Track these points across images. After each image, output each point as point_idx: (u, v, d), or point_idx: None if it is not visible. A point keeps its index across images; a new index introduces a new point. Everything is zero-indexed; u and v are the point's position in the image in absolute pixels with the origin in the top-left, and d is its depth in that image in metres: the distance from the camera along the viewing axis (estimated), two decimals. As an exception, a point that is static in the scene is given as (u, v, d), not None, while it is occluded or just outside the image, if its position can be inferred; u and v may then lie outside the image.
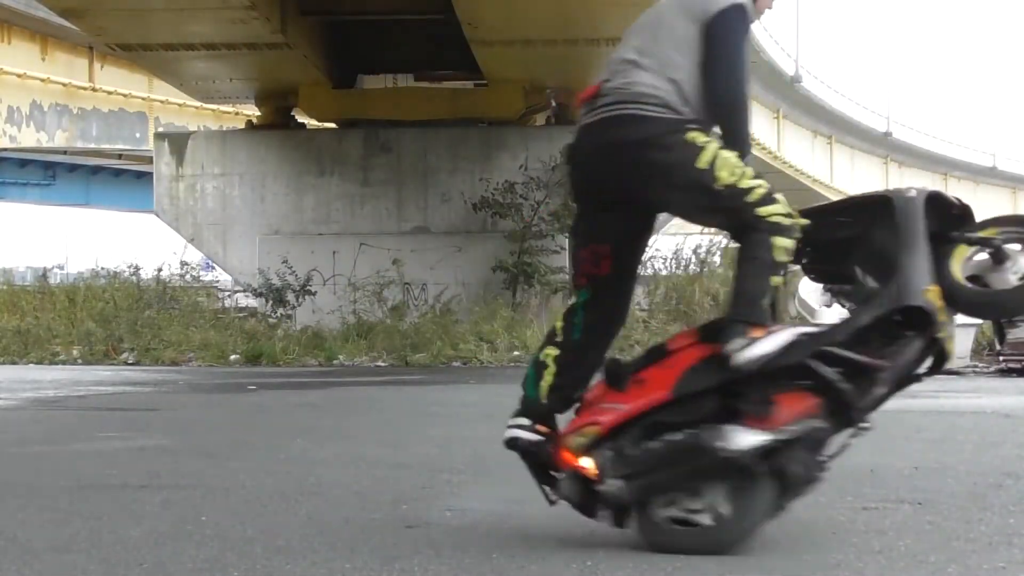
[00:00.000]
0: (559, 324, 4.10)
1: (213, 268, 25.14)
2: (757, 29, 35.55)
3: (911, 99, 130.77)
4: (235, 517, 4.42)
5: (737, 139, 3.90)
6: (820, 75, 51.05)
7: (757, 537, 3.94)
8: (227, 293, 24.24)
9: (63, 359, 17.64)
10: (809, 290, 14.83)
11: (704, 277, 19.51)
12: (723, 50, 3.85)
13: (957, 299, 3.87)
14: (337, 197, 21.29)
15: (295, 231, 21.24)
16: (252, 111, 24.03)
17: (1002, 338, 14.51)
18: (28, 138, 26.80)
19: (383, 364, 16.94)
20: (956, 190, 55.61)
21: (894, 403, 4.10)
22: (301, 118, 22.74)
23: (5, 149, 29.39)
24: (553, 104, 21.69)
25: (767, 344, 3.65)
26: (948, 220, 3.97)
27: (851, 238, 4.03)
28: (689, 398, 3.73)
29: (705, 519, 3.69)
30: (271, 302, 19.79)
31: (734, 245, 3.94)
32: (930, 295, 3.77)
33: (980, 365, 14.85)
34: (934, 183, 54.65)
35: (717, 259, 19.98)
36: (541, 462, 3.99)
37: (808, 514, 4.39)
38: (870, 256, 4.01)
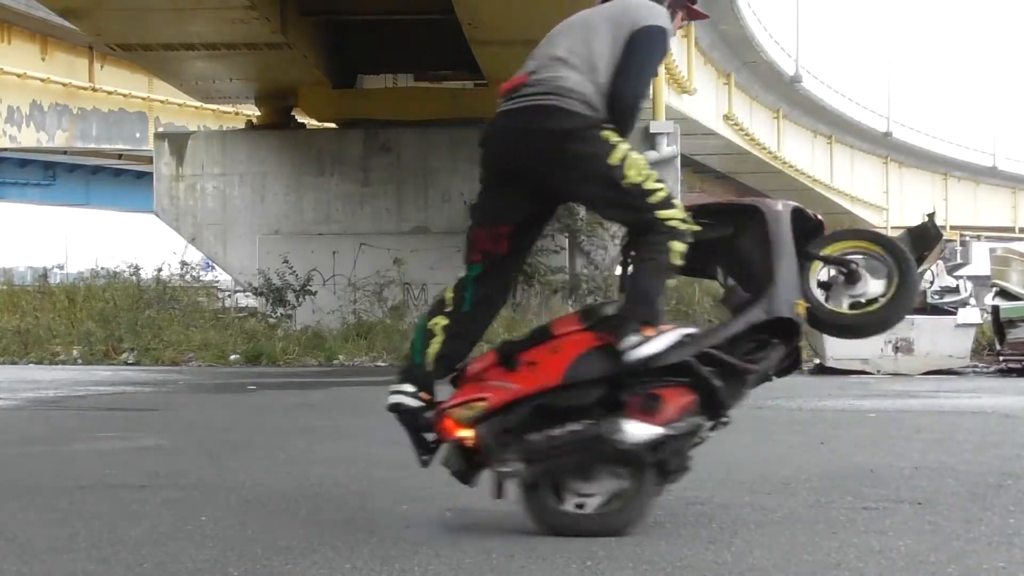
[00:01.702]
0: (449, 295, 4.34)
1: (213, 268, 25.13)
2: (758, 29, 35.56)
3: (911, 99, 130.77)
4: (235, 517, 4.42)
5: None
6: (820, 75, 50.95)
7: (757, 537, 3.95)
8: (227, 293, 24.25)
9: (63, 359, 17.64)
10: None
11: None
12: (638, 59, 4.13)
13: (815, 314, 4.28)
14: (337, 197, 21.29)
15: (295, 231, 21.23)
16: (252, 111, 24.02)
17: (1002, 338, 14.51)
18: (28, 138, 26.79)
19: (383, 364, 16.93)
20: (956, 190, 55.69)
21: (894, 403, 4.12)
22: (301, 118, 22.74)
23: (5, 149, 29.39)
24: (553, 104, 21.68)
25: (657, 343, 3.92)
26: (806, 234, 4.28)
27: (716, 240, 4.27)
28: (577, 385, 3.96)
29: (595, 504, 3.96)
30: (271, 302, 19.78)
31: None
32: (799, 308, 4.15)
33: (980, 365, 14.85)
34: (934, 183, 54.72)
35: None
36: (419, 428, 4.23)
37: (808, 514, 4.40)
38: (733, 261, 4.32)
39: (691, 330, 4.08)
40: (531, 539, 3.93)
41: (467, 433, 4.05)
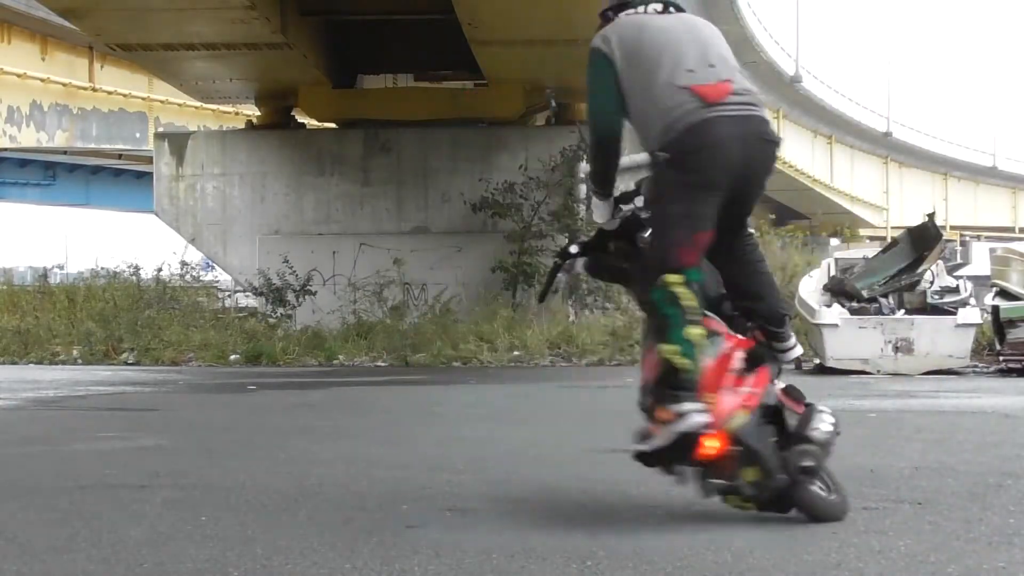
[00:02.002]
0: (692, 303, 4.05)
1: (213, 268, 25.11)
2: (758, 29, 35.55)
3: (911, 99, 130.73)
4: (235, 517, 4.42)
5: None
6: (820, 75, 50.85)
7: (757, 537, 3.95)
8: (227, 293, 24.24)
9: (63, 359, 17.63)
10: (809, 290, 15.08)
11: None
12: None
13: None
14: (337, 197, 21.28)
15: (295, 231, 21.22)
16: (252, 111, 24.01)
17: (1002, 338, 14.51)
18: (28, 138, 26.78)
19: (383, 364, 16.93)
20: (956, 190, 55.67)
21: (894, 403, 4.16)
22: (301, 118, 22.72)
23: (5, 149, 29.38)
24: (553, 104, 21.67)
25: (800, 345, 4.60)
26: None
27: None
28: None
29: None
30: (271, 302, 19.77)
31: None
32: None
33: (980, 365, 14.84)
34: (934, 183, 54.69)
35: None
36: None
37: (808, 514, 4.39)
38: None
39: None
40: (531, 539, 3.93)
41: (716, 444, 3.98)
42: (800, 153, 43.65)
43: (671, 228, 4.11)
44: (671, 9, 4.38)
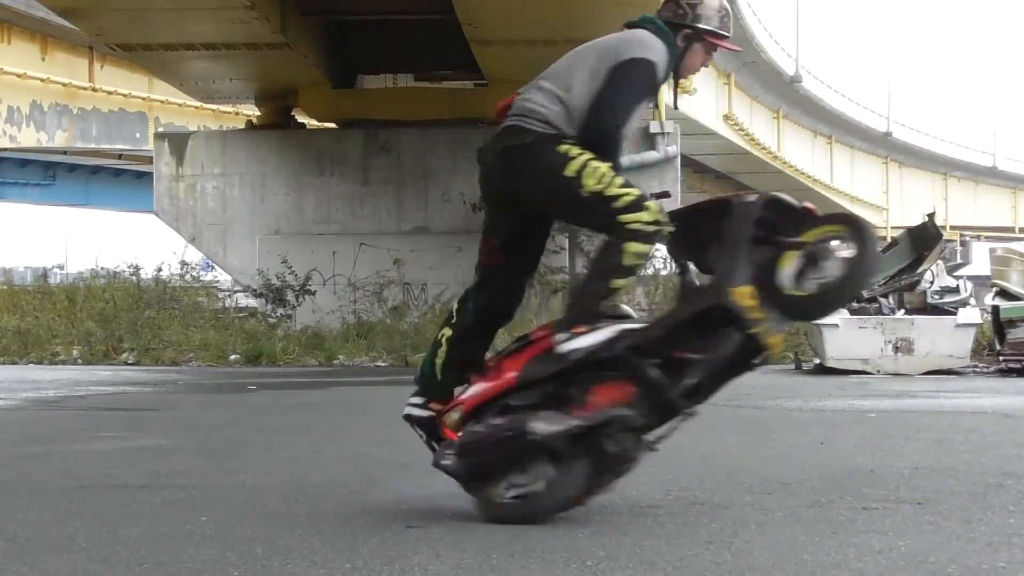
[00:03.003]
0: (455, 307, 4.63)
1: (213, 268, 25.11)
2: (758, 29, 35.55)
3: (911, 99, 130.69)
4: (235, 517, 4.42)
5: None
6: (820, 75, 50.89)
7: (757, 537, 3.95)
8: (227, 293, 24.22)
9: (63, 359, 17.63)
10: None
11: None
12: (614, 91, 4.30)
13: (776, 301, 4.17)
14: (337, 197, 21.27)
15: (295, 231, 21.21)
16: (252, 111, 24.00)
17: (1002, 338, 14.50)
18: (28, 138, 26.77)
19: (383, 364, 16.93)
20: (956, 190, 55.67)
21: (894, 403, 4.16)
22: (301, 118, 22.72)
23: (5, 149, 29.37)
24: (553, 104, 21.66)
25: (585, 339, 4.15)
26: (790, 223, 4.30)
27: (705, 238, 4.36)
28: (532, 384, 4.21)
29: (533, 490, 4.19)
30: (271, 302, 19.76)
31: None
32: (736, 295, 4.10)
33: (980, 365, 14.83)
34: (934, 183, 54.70)
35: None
36: (433, 435, 4.49)
37: (808, 514, 4.40)
38: (706, 257, 4.41)
39: (630, 325, 4.24)
40: (531, 539, 3.93)
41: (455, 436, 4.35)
42: (800, 153, 43.66)
43: None
44: (624, 28, 4.57)
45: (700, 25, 4.49)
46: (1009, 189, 58.80)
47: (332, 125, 22.51)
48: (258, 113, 22.92)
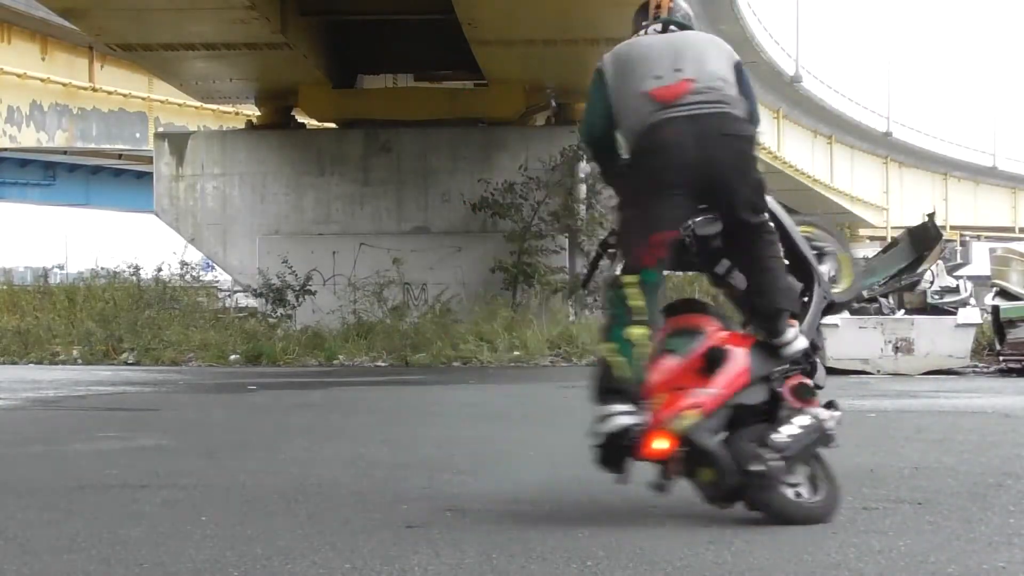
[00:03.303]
0: (638, 303, 4.15)
1: (213, 268, 25.10)
2: (758, 29, 35.55)
3: (911, 99, 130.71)
4: (235, 517, 4.42)
5: None
6: (820, 75, 50.91)
7: (757, 537, 3.95)
8: (227, 293, 24.22)
9: (63, 359, 17.63)
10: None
11: (702, 277, 19.47)
12: (750, 87, 4.48)
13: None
14: (337, 197, 21.27)
15: (295, 231, 21.21)
16: (252, 111, 24.00)
17: (1002, 338, 14.51)
18: (28, 138, 26.77)
19: (383, 364, 16.93)
20: (956, 190, 55.66)
21: (894, 403, 4.17)
22: (301, 118, 22.71)
23: (5, 149, 29.36)
24: (553, 104, 21.67)
25: (805, 336, 4.31)
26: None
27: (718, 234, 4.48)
28: (755, 382, 4.21)
29: (806, 491, 4.22)
30: (271, 302, 19.76)
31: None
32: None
33: (980, 365, 14.84)
34: (934, 183, 54.68)
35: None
36: (630, 448, 4.07)
37: (808, 514, 4.39)
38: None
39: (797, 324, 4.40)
40: (531, 539, 3.92)
41: (666, 444, 4.02)
42: (800, 153, 43.63)
43: (627, 232, 4.33)
44: (672, 28, 4.53)
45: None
46: (1009, 189, 58.78)
47: (332, 125, 22.51)
48: (258, 113, 22.92)
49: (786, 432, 4.12)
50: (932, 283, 14.95)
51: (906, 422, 8.14)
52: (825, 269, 4.64)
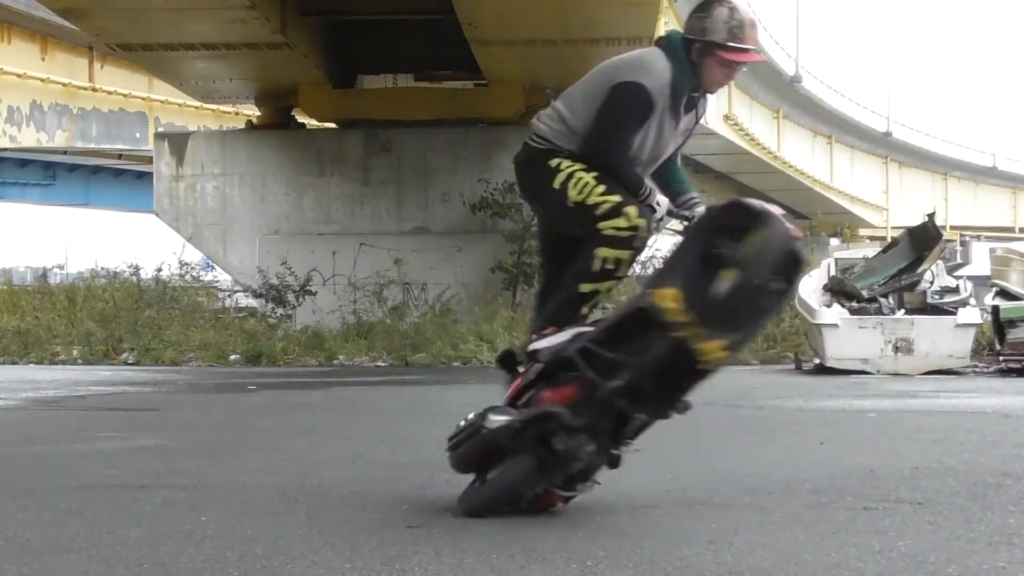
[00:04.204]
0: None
1: (213, 268, 25.11)
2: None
3: (911, 99, 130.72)
4: (235, 517, 4.42)
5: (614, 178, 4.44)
6: (820, 75, 50.95)
7: (757, 537, 3.95)
8: (227, 293, 24.23)
9: (63, 359, 17.64)
10: (809, 290, 15.02)
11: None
12: (605, 115, 4.41)
13: (702, 309, 4.02)
14: (337, 197, 21.27)
15: (295, 231, 21.21)
16: (252, 111, 24.00)
17: (1002, 338, 14.50)
18: (28, 138, 26.78)
19: (383, 364, 16.93)
20: (956, 190, 55.66)
21: (894, 403, 4.16)
22: (301, 118, 22.71)
23: (5, 149, 29.37)
24: (553, 104, 21.67)
25: (546, 341, 4.35)
26: (744, 229, 4.11)
27: None
28: (528, 386, 4.41)
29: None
30: (271, 302, 19.77)
31: None
32: (656, 297, 4.05)
33: (980, 365, 14.83)
34: (934, 183, 54.69)
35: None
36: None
37: (808, 514, 4.40)
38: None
39: (583, 329, 4.34)
40: (531, 539, 3.92)
41: None
42: (800, 153, 43.64)
43: None
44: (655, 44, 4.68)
45: (707, 38, 4.47)
46: (1009, 189, 58.80)
47: (332, 125, 22.51)
48: (258, 113, 22.92)
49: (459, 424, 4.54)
50: (932, 283, 14.94)
51: (906, 422, 8.14)
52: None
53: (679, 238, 4.43)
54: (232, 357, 17.40)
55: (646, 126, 4.44)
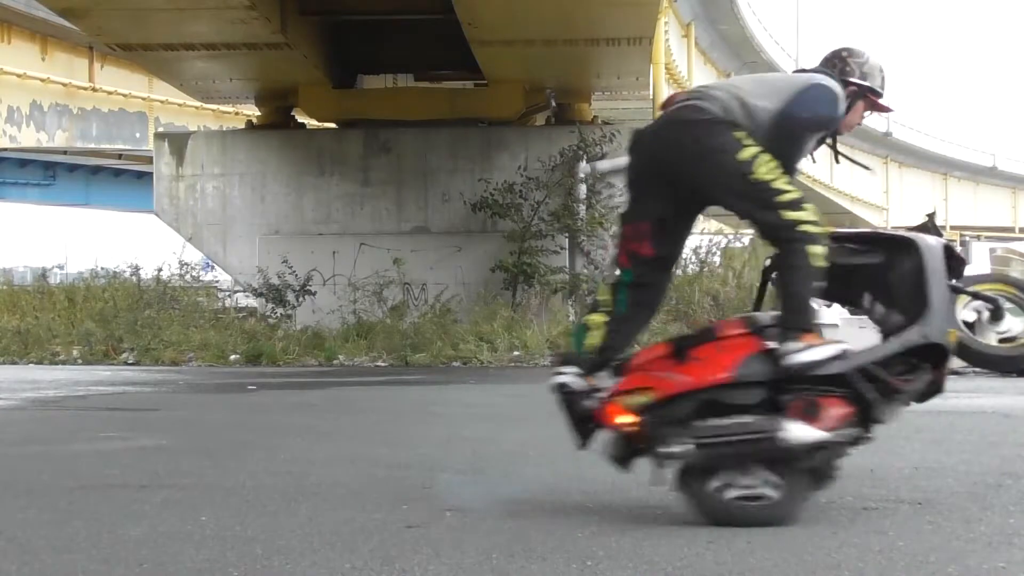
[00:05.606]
0: (605, 297, 4.54)
1: (213, 268, 25.10)
2: (758, 29, 35.54)
3: (911, 99, 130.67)
4: (235, 517, 4.42)
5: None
6: (820, 75, 50.72)
7: (757, 537, 3.95)
8: (227, 293, 24.22)
9: (63, 359, 17.63)
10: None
11: (704, 277, 19.49)
12: (794, 108, 4.41)
13: (967, 345, 4.56)
14: (337, 197, 21.27)
15: (295, 231, 21.21)
16: (252, 111, 23.99)
17: (1002, 338, 14.50)
18: (28, 138, 26.77)
19: (383, 364, 16.93)
20: (956, 190, 55.66)
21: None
22: (301, 118, 22.71)
23: (5, 149, 29.36)
24: (553, 104, 21.66)
25: (819, 352, 4.13)
26: (950, 269, 4.45)
27: (865, 267, 4.48)
28: (743, 384, 4.15)
29: (768, 494, 4.12)
30: (271, 302, 19.77)
31: (735, 245, 4.35)
32: (951, 337, 4.33)
33: (980, 365, 14.82)
34: (934, 183, 54.68)
35: (717, 259, 19.96)
36: (579, 411, 4.39)
37: (808, 514, 4.40)
38: (882, 287, 4.48)
39: (850, 347, 4.28)
40: (531, 539, 3.93)
41: (629, 419, 4.20)
42: (800, 153, 43.61)
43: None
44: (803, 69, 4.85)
45: (865, 83, 4.57)
46: (1009, 189, 58.78)
47: (332, 125, 22.50)
48: (258, 113, 22.92)
49: (713, 422, 4.11)
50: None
51: (906, 422, 8.09)
52: (1006, 325, 4.73)
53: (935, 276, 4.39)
54: (232, 357, 17.40)
55: (814, 138, 4.55)
